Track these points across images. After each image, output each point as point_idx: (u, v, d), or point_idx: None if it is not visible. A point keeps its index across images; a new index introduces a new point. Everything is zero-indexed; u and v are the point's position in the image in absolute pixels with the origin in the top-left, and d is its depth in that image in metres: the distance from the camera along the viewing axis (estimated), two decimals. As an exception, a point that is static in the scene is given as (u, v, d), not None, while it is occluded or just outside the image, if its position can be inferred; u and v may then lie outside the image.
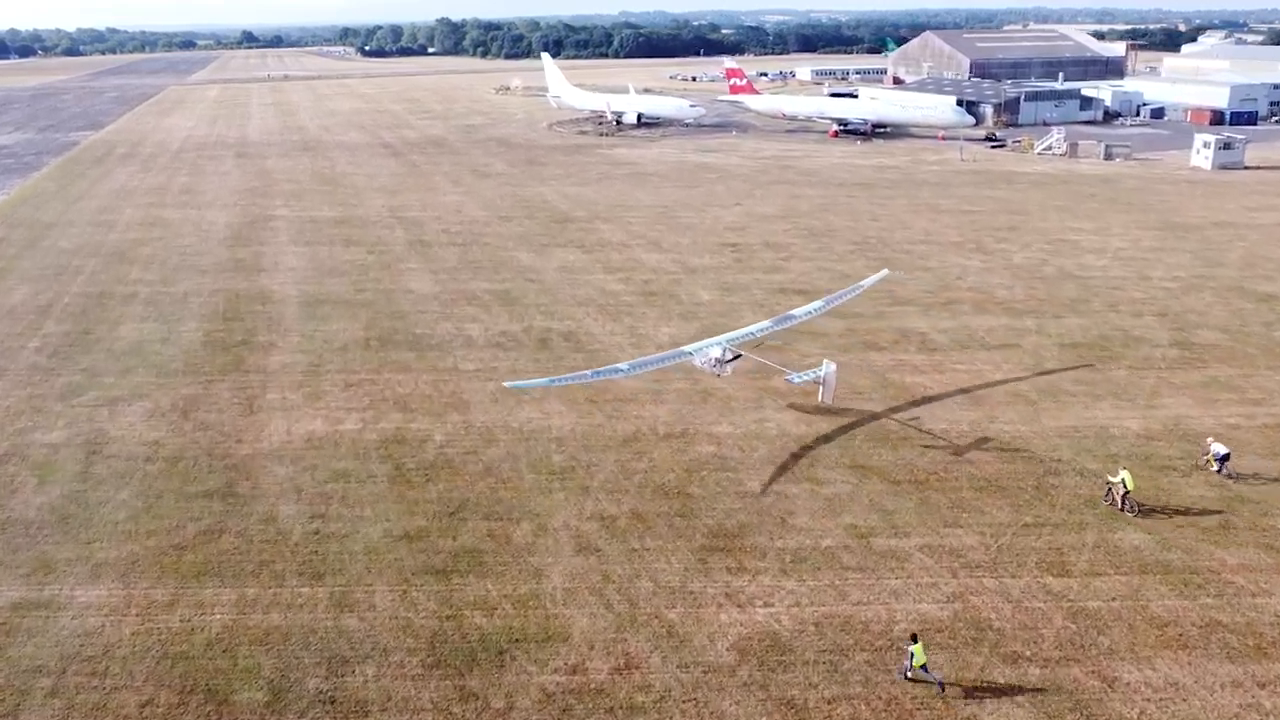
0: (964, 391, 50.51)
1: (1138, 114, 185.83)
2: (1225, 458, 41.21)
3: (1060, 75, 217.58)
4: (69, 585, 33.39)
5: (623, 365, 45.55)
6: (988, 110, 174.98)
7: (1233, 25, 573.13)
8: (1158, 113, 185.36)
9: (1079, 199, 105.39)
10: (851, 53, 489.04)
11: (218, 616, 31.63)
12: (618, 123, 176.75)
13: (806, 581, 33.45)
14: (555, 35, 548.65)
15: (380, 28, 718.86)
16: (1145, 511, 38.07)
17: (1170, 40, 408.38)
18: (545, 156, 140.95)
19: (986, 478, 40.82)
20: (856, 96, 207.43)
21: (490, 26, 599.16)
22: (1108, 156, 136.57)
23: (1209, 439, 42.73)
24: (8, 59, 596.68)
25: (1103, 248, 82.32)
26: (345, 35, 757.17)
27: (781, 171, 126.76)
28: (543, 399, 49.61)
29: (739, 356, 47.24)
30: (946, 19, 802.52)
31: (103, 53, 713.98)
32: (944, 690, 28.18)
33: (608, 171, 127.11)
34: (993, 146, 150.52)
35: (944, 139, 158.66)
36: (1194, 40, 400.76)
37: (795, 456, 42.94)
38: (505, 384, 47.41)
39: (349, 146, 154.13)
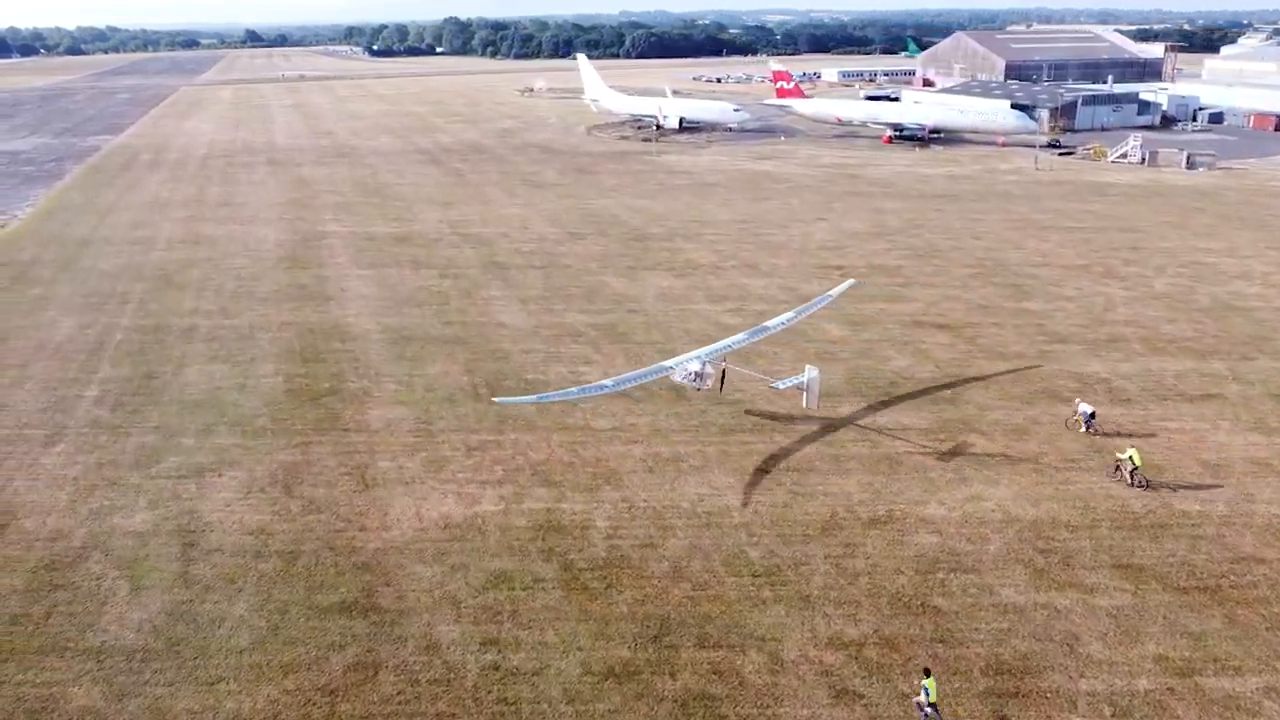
0: (1193, 457, 43.09)
1: (1194, 119, 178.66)
2: (1092, 416, 45.36)
3: (1109, 78, 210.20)
4: (200, 754, 25.96)
5: (607, 382, 44.76)
6: (1043, 115, 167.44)
7: (1235, 25, 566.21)
8: (1216, 117, 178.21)
9: (1186, 214, 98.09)
10: (867, 53, 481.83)
11: (404, 806, 24.21)
12: (658, 128, 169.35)
13: (1148, 748, 26.08)
14: (565, 35, 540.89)
15: (385, 27, 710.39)
16: (1152, 486, 39.82)
17: (1186, 41, 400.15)
18: (595, 164, 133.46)
19: (1291, 584, 33.43)
20: (896, 99, 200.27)
21: (498, 26, 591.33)
22: (1190, 165, 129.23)
23: (1076, 399, 47.27)
24: (9, 58, 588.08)
25: (1247, 272, 74.97)
26: (350, 34, 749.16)
27: (850, 181, 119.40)
28: (704, 467, 42.23)
29: (725, 372, 47.46)
30: (950, 19, 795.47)
31: (105, 51, 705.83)
32: None
33: (665, 181, 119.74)
34: (1060, 154, 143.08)
35: (1005, 145, 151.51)
36: (1215, 41, 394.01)
37: (1040, 551, 35.51)
38: (494, 400, 46.93)
39: (384, 153, 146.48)
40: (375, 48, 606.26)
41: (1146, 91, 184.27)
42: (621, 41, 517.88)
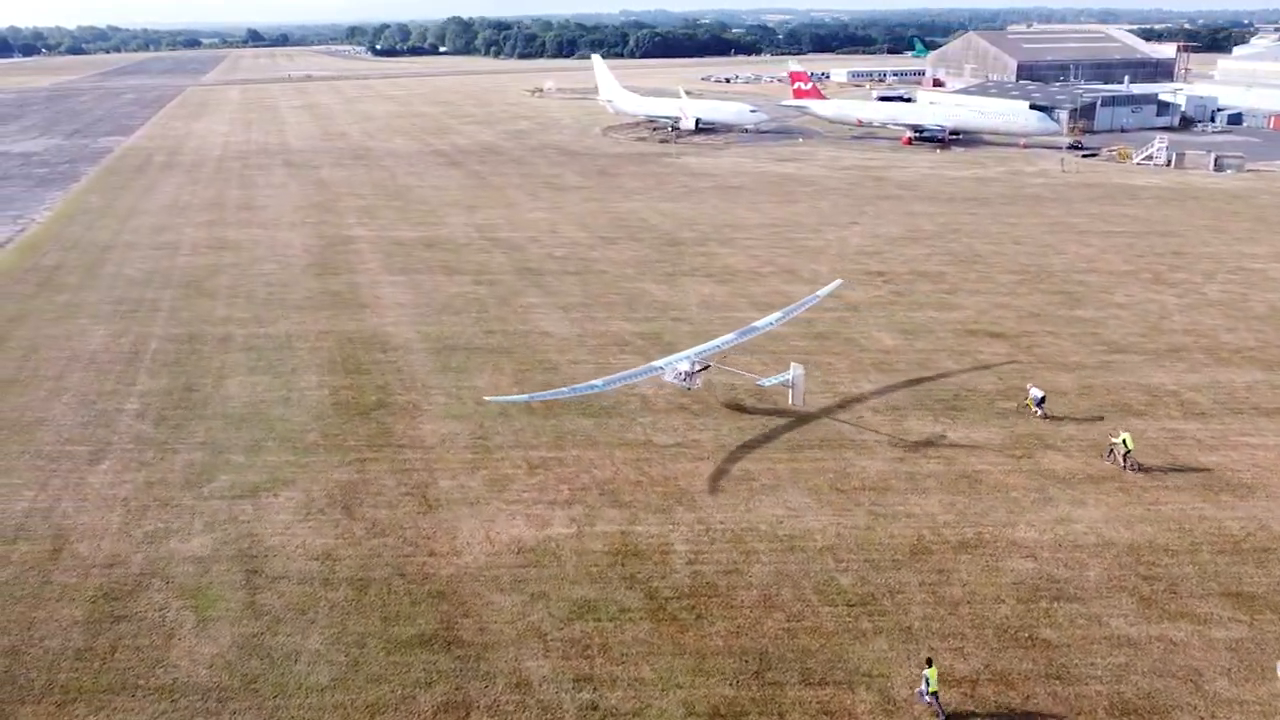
0: (1281, 476, 41.60)
1: (1212, 119, 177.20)
2: (1042, 400, 47.77)
3: (1126, 79, 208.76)
4: (292, 806, 24.38)
5: (597, 382, 45.59)
6: (1063, 116, 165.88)
7: (1236, 25, 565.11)
8: (1234, 119, 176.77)
9: (1222, 217, 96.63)
10: (872, 53, 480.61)
11: None
12: (673, 128, 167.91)
13: (1298, 797, 24.53)
14: (569, 35, 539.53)
15: (388, 26, 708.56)
16: (1145, 470, 41.70)
17: (1191, 41, 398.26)
18: (615, 166, 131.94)
19: None
20: (909, 100, 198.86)
21: (501, 26, 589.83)
22: (1218, 168, 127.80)
23: (1029, 385, 49.41)
24: (11, 58, 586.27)
25: (1298, 278, 73.51)
26: (352, 34, 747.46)
27: (876, 184, 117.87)
28: (776, 486, 40.68)
29: (707, 368, 48.47)
30: (950, 18, 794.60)
31: (106, 51, 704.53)
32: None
33: (689, 184, 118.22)
34: (1084, 155, 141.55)
35: (1026, 146, 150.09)
36: (1220, 40, 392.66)
37: (1144, 578, 33.95)
38: (486, 399, 48.24)
39: (401, 155, 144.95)
40: (378, 47, 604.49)
41: (1165, 92, 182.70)
42: (625, 41, 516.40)
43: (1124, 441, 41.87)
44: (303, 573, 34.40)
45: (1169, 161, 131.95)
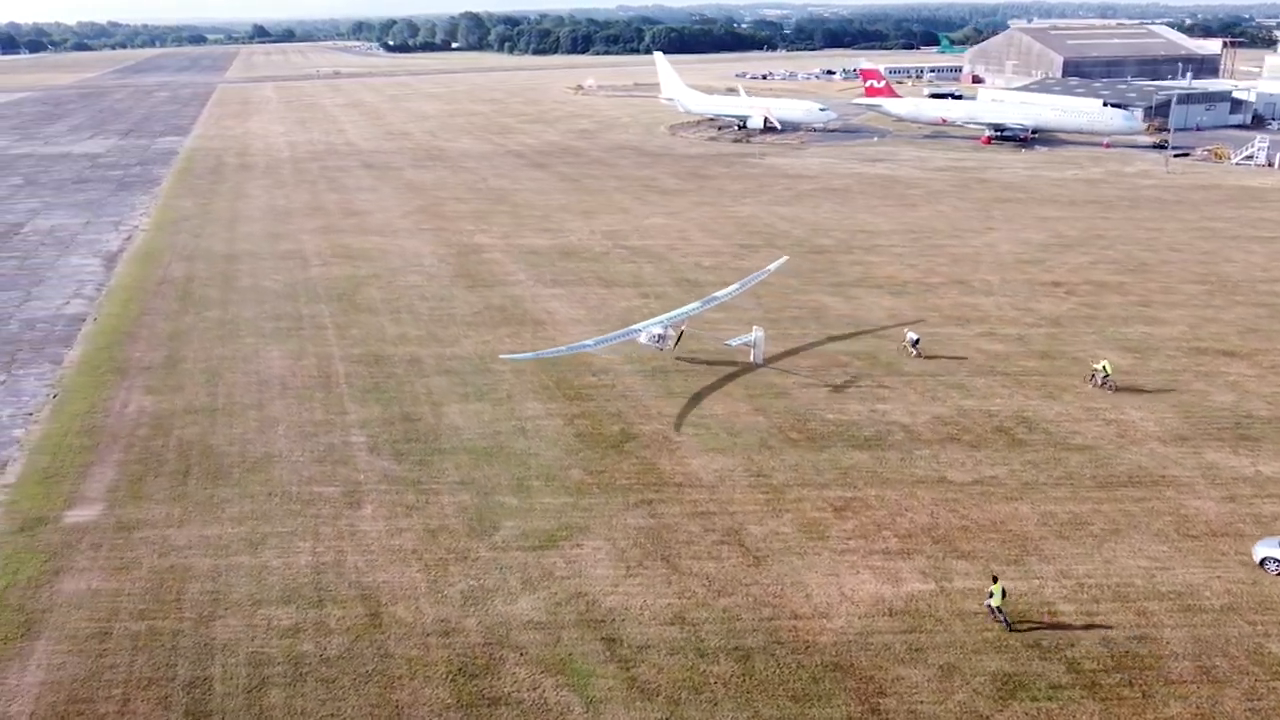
0: None
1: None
2: (916, 342, 55.56)
3: (1189, 75, 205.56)
4: None
5: (588, 342, 52.27)
6: (1137, 113, 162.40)
7: (1236, 21, 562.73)
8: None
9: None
10: (887, 49, 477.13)
11: None
12: (740, 127, 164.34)
13: None
14: (583, 31, 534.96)
15: (395, 22, 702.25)
16: (1118, 390, 49.94)
17: (1206, 36, 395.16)
18: (704, 168, 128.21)
19: None
20: (959, 97, 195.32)
21: (513, 22, 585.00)
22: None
23: (906, 329, 57.79)
24: (18, 54, 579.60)
25: None
26: (359, 29, 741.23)
27: (984, 186, 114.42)
28: (1118, 531, 37.28)
29: (682, 334, 55.11)
30: (951, 13, 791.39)
31: (111, 47, 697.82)
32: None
33: (791, 186, 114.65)
34: (1175, 155, 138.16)
35: (1108, 146, 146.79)
36: (1235, 36, 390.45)
37: None
38: (501, 355, 54.36)
39: (476, 155, 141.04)
40: (390, 44, 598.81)
41: (1240, 89, 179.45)
42: (640, 38, 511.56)
43: (1104, 367, 50.72)
44: (667, 641, 30.86)
45: (1270, 162, 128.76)
